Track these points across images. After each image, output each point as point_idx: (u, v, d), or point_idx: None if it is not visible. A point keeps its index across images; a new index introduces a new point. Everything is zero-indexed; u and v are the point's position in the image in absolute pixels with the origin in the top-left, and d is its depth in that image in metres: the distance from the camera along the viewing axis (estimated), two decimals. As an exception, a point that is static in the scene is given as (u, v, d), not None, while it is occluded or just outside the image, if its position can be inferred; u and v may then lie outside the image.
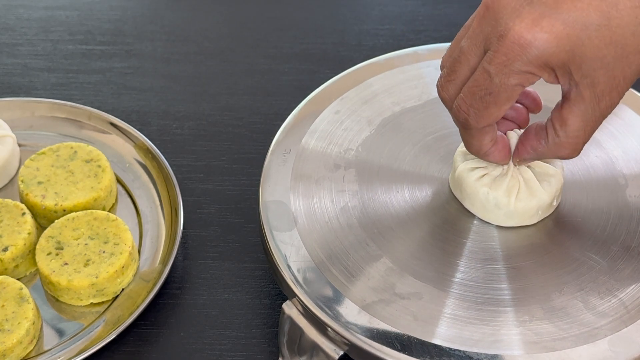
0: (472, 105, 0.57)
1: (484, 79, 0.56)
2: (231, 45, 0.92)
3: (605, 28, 0.53)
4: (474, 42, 0.56)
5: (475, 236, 0.64)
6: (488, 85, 0.55)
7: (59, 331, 0.67)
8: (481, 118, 0.57)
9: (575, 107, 0.56)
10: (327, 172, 0.68)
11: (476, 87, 0.56)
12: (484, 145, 0.60)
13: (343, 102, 0.73)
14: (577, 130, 0.57)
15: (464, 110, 0.57)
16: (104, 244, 0.68)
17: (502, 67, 0.54)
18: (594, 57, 0.54)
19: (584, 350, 0.58)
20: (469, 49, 0.56)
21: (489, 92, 0.56)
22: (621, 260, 0.62)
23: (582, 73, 0.55)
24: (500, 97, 0.56)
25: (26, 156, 0.76)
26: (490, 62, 0.55)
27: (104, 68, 0.89)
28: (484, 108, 0.57)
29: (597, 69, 0.54)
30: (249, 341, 0.67)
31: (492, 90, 0.56)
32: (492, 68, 0.55)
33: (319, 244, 0.63)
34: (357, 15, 0.95)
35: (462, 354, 0.57)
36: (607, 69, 0.54)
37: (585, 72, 0.55)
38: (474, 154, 0.62)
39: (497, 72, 0.55)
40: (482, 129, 0.59)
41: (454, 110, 0.58)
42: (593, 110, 0.56)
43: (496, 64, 0.55)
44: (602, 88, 0.55)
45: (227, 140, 0.82)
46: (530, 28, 0.53)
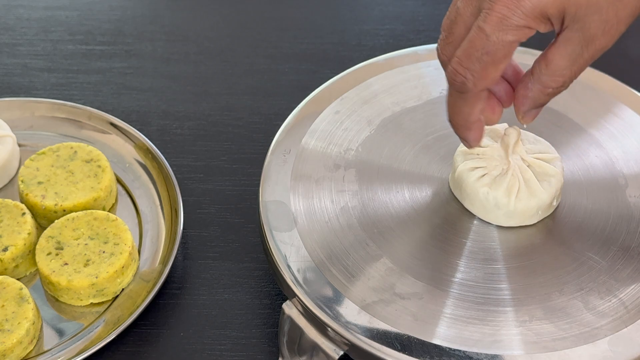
0: (469, 67, 0.56)
1: (480, 39, 0.55)
2: (231, 45, 0.92)
3: None
4: (470, 3, 0.56)
5: (475, 236, 0.64)
6: (485, 44, 0.55)
7: (59, 331, 0.67)
8: (479, 80, 0.56)
9: (561, 48, 0.56)
10: (327, 172, 0.68)
11: (472, 47, 0.55)
12: (473, 114, 0.59)
13: (343, 102, 0.73)
14: (562, 69, 0.56)
15: (461, 73, 0.56)
16: (104, 244, 0.68)
17: (498, 24, 0.54)
18: (588, 3, 0.53)
19: (584, 350, 0.58)
20: (465, 8, 0.56)
21: (486, 51, 0.55)
22: (621, 260, 0.62)
23: (575, 18, 0.54)
24: (498, 55, 0.55)
25: (26, 156, 0.76)
26: (485, 21, 0.54)
27: (104, 68, 0.89)
28: (481, 69, 0.55)
29: (589, 13, 0.54)
30: (249, 341, 0.67)
31: (489, 49, 0.55)
32: (488, 26, 0.54)
33: (319, 244, 0.63)
34: (357, 15, 0.95)
35: (462, 354, 0.57)
36: (600, 13, 0.54)
37: (578, 17, 0.54)
38: (457, 125, 0.60)
39: (494, 30, 0.54)
40: (477, 94, 0.57)
41: (449, 73, 0.57)
42: (581, 51, 0.56)
43: (491, 21, 0.54)
44: (593, 32, 0.55)
45: (227, 140, 0.82)
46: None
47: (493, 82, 0.57)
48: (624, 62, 0.85)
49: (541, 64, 0.57)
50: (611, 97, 0.73)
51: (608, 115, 0.72)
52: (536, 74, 0.58)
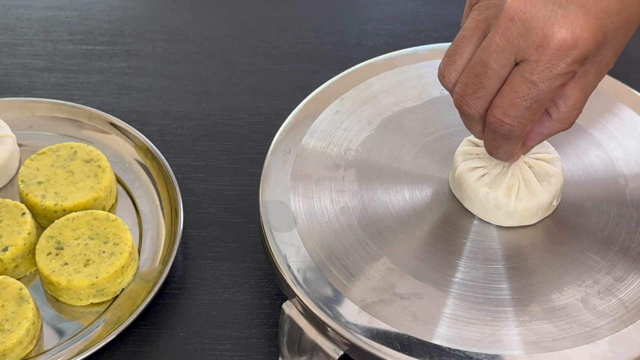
0: (517, 116, 0.56)
1: (528, 89, 0.55)
2: (231, 45, 0.92)
3: (622, 11, 0.55)
4: (503, 55, 0.55)
5: (475, 236, 0.64)
6: (534, 94, 0.55)
7: (59, 331, 0.67)
8: (527, 126, 0.57)
9: (579, 83, 0.57)
10: (327, 172, 0.68)
11: (520, 98, 0.56)
12: (517, 150, 0.61)
13: (343, 102, 0.73)
14: (578, 102, 0.58)
15: (508, 123, 0.57)
16: (104, 244, 0.68)
17: (547, 73, 0.54)
18: (613, 40, 0.55)
19: (584, 350, 0.58)
20: (497, 63, 0.55)
21: (536, 100, 0.55)
22: (621, 260, 0.62)
23: (598, 53, 0.55)
24: (546, 101, 0.56)
25: (26, 156, 0.76)
26: (532, 72, 0.55)
27: (104, 68, 0.89)
28: (530, 116, 0.56)
29: (609, 47, 0.56)
30: (249, 341, 0.67)
31: (539, 97, 0.55)
32: (536, 77, 0.55)
33: (319, 244, 0.63)
34: (357, 15, 0.95)
35: (462, 354, 0.57)
36: (617, 45, 0.56)
37: (599, 52, 0.55)
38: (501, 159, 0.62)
39: (543, 79, 0.55)
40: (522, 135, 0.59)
41: (494, 124, 0.57)
42: (594, 81, 0.57)
43: (540, 72, 0.54)
44: (607, 61, 0.57)
45: (227, 140, 0.82)
46: (572, 31, 0.53)
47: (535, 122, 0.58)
48: (624, 62, 0.85)
49: (559, 101, 0.58)
50: (611, 97, 0.73)
51: (608, 115, 0.72)
52: (554, 112, 0.59)
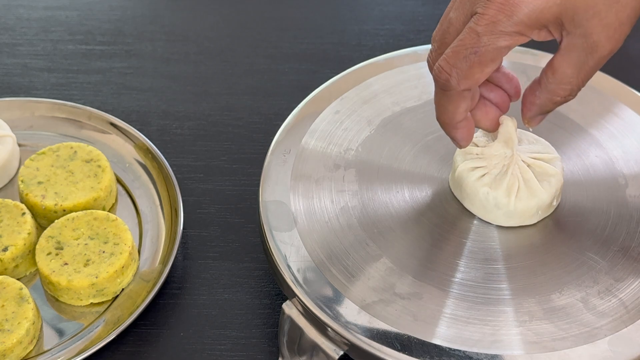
0: (455, 64, 0.56)
1: (470, 38, 0.55)
2: (231, 45, 0.92)
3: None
4: (462, 10, 0.56)
5: (475, 236, 0.64)
6: (474, 43, 0.55)
7: (59, 331, 0.67)
8: (463, 78, 0.56)
9: (566, 56, 0.56)
10: (327, 172, 0.68)
11: (461, 46, 0.55)
12: (458, 113, 0.59)
13: (343, 102, 0.73)
14: (569, 77, 0.57)
15: (446, 70, 0.56)
16: (104, 244, 0.68)
17: (491, 27, 0.54)
18: (586, 7, 0.53)
19: (584, 350, 0.58)
20: (457, 18, 0.56)
21: (474, 51, 0.55)
22: (621, 260, 0.62)
23: (575, 23, 0.54)
24: (486, 57, 0.55)
25: (26, 156, 0.76)
26: (477, 23, 0.54)
27: (104, 68, 0.89)
28: (467, 67, 0.55)
29: (589, 18, 0.54)
30: (249, 341, 0.67)
31: (479, 49, 0.55)
32: (480, 28, 0.54)
33: (319, 244, 0.63)
34: (357, 15, 0.95)
35: (462, 354, 0.57)
36: (600, 17, 0.54)
37: (577, 22, 0.54)
38: (444, 124, 0.60)
39: (486, 32, 0.54)
40: (461, 93, 0.57)
41: (435, 70, 0.57)
42: (586, 58, 0.56)
43: (484, 24, 0.54)
44: (596, 38, 0.55)
45: (227, 140, 0.82)
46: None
47: (476, 83, 0.57)
48: (624, 62, 0.85)
49: (547, 72, 0.57)
50: (611, 97, 0.73)
51: (608, 115, 0.72)
52: (543, 83, 0.58)
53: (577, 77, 0.57)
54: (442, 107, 0.59)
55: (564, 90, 0.57)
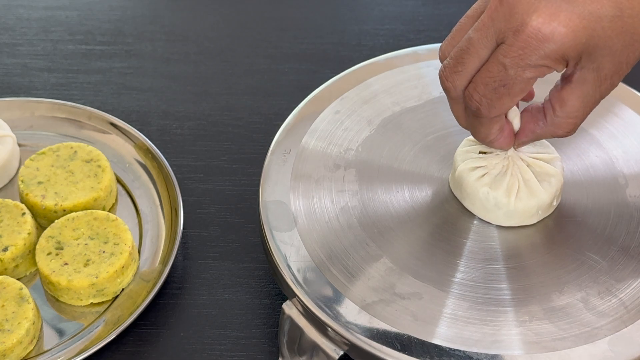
0: (485, 95, 0.57)
1: (498, 71, 0.56)
2: (231, 45, 0.92)
3: (617, 19, 0.54)
4: (485, 35, 0.56)
5: (475, 236, 0.64)
6: (503, 77, 0.56)
7: (59, 331, 0.67)
8: (493, 108, 0.58)
9: (576, 89, 0.57)
10: (327, 172, 0.68)
11: (490, 77, 0.56)
12: (491, 134, 0.61)
13: (343, 102, 0.73)
14: (576, 111, 0.58)
15: (477, 100, 0.58)
16: (104, 244, 0.68)
17: (518, 60, 0.55)
18: (604, 46, 0.55)
19: (584, 350, 0.58)
20: (479, 41, 0.56)
21: (503, 84, 0.56)
22: (621, 260, 0.62)
23: (591, 59, 0.55)
24: (514, 89, 0.56)
25: (26, 156, 0.76)
26: (505, 55, 0.55)
27: (104, 68, 0.89)
28: (497, 99, 0.57)
29: (605, 55, 0.55)
30: (249, 341, 0.67)
31: (507, 82, 0.56)
32: (508, 61, 0.55)
33: (319, 244, 0.63)
34: (357, 15, 0.95)
35: (462, 354, 0.57)
36: (614, 56, 0.55)
37: (593, 58, 0.55)
38: (480, 141, 0.62)
39: (513, 65, 0.55)
40: (493, 119, 0.59)
41: (466, 98, 0.58)
42: (594, 92, 0.57)
43: (512, 57, 0.55)
44: (606, 72, 0.56)
45: (227, 140, 0.82)
46: (549, 22, 0.54)
47: (506, 110, 0.59)
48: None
49: (555, 105, 0.59)
50: (611, 97, 0.73)
51: (608, 115, 0.72)
52: (549, 115, 0.59)
53: (583, 110, 0.58)
54: (476, 129, 0.61)
55: (568, 125, 0.59)
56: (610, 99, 0.73)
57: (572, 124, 0.59)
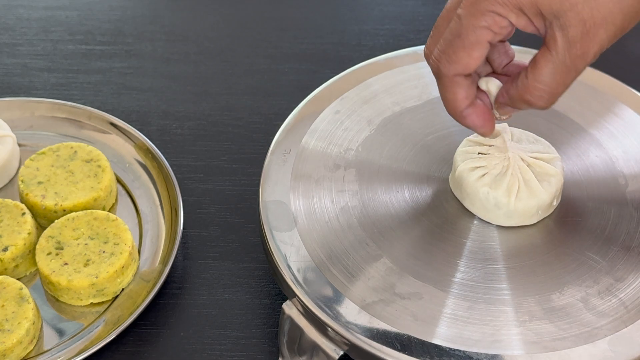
0: (443, 50, 0.57)
1: (454, 23, 0.56)
2: (231, 45, 0.92)
3: None
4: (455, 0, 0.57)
5: (475, 236, 0.64)
6: (457, 27, 0.56)
7: (59, 331, 0.67)
8: (450, 63, 0.57)
9: (547, 52, 0.56)
10: (327, 172, 0.68)
11: (449, 32, 0.57)
12: (458, 100, 0.59)
13: (343, 102, 0.73)
14: (545, 75, 0.57)
15: (436, 57, 0.58)
16: (104, 244, 0.68)
17: (470, 7, 0.55)
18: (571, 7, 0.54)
19: (584, 350, 0.58)
20: (450, 4, 0.57)
21: (458, 34, 0.56)
22: (621, 260, 0.62)
23: (553, 13, 0.55)
24: (468, 40, 0.56)
25: (26, 156, 0.76)
26: (461, 7, 0.56)
27: (104, 68, 0.89)
28: (453, 52, 0.57)
29: (566, 10, 0.54)
30: (249, 341, 0.67)
31: (461, 32, 0.56)
32: (462, 11, 0.56)
33: (319, 244, 0.63)
34: (357, 15, 0.95)
35: (462, 354, 0.57)
36: (576, 10, 0.54)
37: (555, 13, 0.55)
38: (451, 113, 0.61)
39: (466, 14, 0.55)
40: (453, 79, 0.58)
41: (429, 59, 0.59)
42: (564, 57, 0.56)
43: (465, 6, 0.55)
44: (574, 33, 0.55)
45: (227, 140, 0.82)
46: None
47: (466, 67, 0.57)
48: (624, 62, 0.85)
49: (528, 67, 0.58)
50: (611, 97, 0.73)
51: (608, 115, 0.72)
52: (522, 77, 0.58)
53: (553, 77, 0.57)
54: (442, 97, 0.60)
55: (537, 90, 0.57)
56: (611, 98, 0.73)
57: (541, 90, 0.57)
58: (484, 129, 0.61)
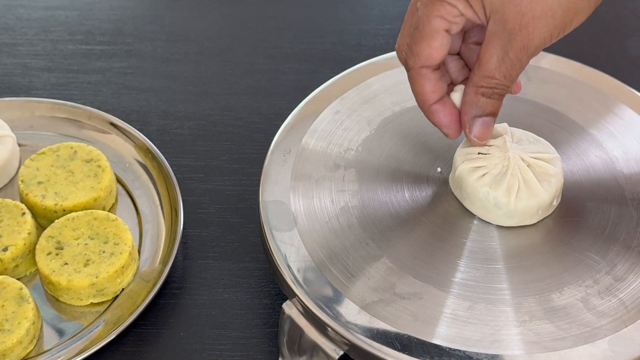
0: (409, 44, 0.59)
1: (415, 16, 0.59)
2: (231, 45, 0.92)
3: None
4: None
5: (475, 236, 0.64)
6: (417, 20, 0.59)
7: (59, 331, 0.67)
8: (414, 55, 0.59)
9: (489, 44, 0.58)
10: (327, 172, 0.68)
11: (411, 25, 0.59)
12: (425, 93, 0.61)
13: (343, 102, 0.73)
14: (492, 68, 0.58)
15: (404, 51, 0.60)
16: (104, 244, 0.68)
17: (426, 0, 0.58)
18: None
19: (584, 350, 0.58)
20: (414, 0, 0.60)
21: (417, 26, 0.58)
22: (621, 260, 0.62)
23: (493, 6, 0.56)
24: (426, 30, 0.58)
25: (26, 156, 0.76)
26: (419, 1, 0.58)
27: (104, 68, 0.89)
28: (414, 43, 0.59)
29: (505, 3, 0.56)
30: (249, 341, 0.67)
31: (419, 23, 0.58)
32: (420, 3, 0.58)
33: (319, 244, 0.63)
34: (357, 15, 0.95)
35: (462, 354, 0.57)
36: (515, 3, 0.56)
37: (495, 6, 0.56)
38: (420, 107, 0.62)
39: (422, 6, 0.58)
40: (420, 72, 0.60)
41: (399, 56, 0.61)
42: (507, 48, 0.57)
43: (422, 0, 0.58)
44: (512, 25, 0.56)
45: (227, 140, 0.82)
46: None
47: (429, 59, 0.59)
48: (624, 62, 0.85)
49: (475, 64, 0.59)
50: (611, 97, 0.73)
51: (608, 115, 0.72)
52: (470, 75, 0.60)
53: (499, 69, 0.58)
54: (412, 90, 0.62)
55: (487, 82, 0.59)
56: (611, 98, 0.73)
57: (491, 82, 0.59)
58: (448, 129, 0.63)
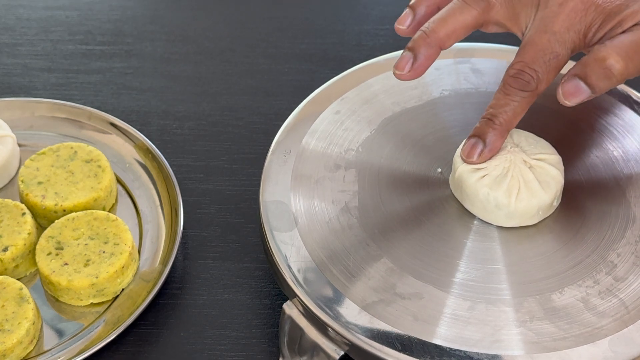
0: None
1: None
2: (231, 45, 0.92)
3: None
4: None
5: (475, 236, 0.64)
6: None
7: (59, 331, 0.67)
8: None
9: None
10: (327, 173, 0.68)
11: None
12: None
13: (343, 103, 0.73)
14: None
15: (530, 73, 0.63)
16: (104, 244, 0.68)
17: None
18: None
19: (584, 350, 0.58)
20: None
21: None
22: (621, 261, 0.62)
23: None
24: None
25: (26, 156, 0.76)
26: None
27: (104, 68, 0.89)
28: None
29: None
30: (249, 341, 0.67)
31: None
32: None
33: (320, 244, 0.63)
34: (357, 15, 0.95)
35: (462, 354, 0.58)
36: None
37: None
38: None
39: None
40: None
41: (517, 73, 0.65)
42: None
43: None
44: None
45: (227, 140, 0.82)
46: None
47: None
48: (624, 62, 0.85)
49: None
50: (611, 97, 0.73)
51: (608, 115, 0.72)
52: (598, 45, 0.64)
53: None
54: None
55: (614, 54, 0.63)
56: (610, 98, 0.73)
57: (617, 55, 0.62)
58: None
